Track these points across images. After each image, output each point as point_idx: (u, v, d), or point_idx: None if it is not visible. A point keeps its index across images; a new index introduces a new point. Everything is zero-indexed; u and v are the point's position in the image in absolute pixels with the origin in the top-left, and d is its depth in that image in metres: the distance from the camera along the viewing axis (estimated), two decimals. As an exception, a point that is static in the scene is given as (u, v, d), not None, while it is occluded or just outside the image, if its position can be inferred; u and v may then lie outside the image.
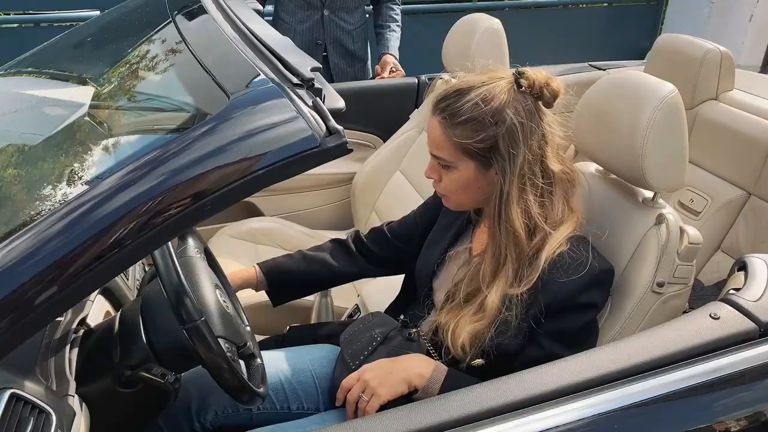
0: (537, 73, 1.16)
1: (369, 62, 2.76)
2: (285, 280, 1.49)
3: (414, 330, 1.30)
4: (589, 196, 1.36)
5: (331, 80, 2.63)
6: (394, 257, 1.51)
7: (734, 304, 1.09)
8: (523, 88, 1.14)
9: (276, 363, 1.38)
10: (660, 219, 1.22)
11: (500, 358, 1.16)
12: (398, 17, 2.70)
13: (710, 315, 1.07)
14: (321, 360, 1.41)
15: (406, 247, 1.48)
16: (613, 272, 1.19)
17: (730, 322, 1.06)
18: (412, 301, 1.44)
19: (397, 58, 2.63)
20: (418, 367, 1.17)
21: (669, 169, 1.21)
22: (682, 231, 1.21)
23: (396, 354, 1.24)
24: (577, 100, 1.39)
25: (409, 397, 1.16)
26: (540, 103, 1.17)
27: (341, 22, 2.56)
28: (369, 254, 1.52)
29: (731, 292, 1.13)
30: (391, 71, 2.56)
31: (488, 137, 1.13)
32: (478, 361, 1.18)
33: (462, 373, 1.18)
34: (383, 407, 1.14)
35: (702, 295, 1.78)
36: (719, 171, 2.02)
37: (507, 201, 1.14)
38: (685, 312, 1.25)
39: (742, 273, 1.18)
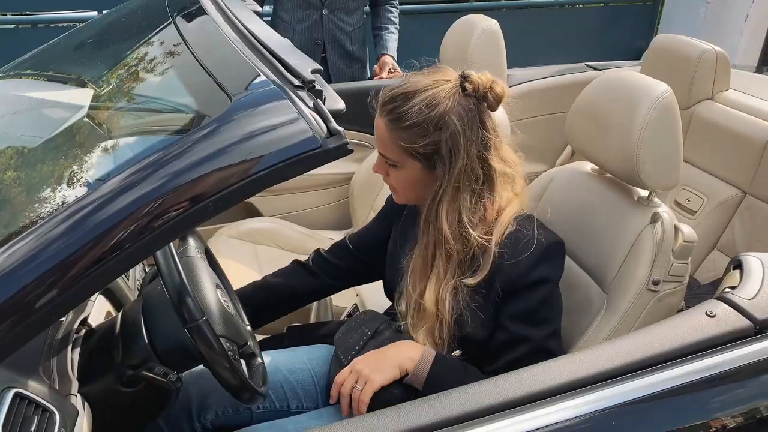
0: (482, 77, 1.16)
1: (367, 64, 2.77)
2: (251, 311, 1.45)
3: (403, 322, 1.31)
4: (585, 195, 1.38)
5: (329, 80, 2.64)
6: (357, 268, 1.50)
7: (730, 302, 1.11)
8: (468, 91, 1.15)
9: (275, 363, 1.39)
10: (655, 217, 1.23)
11: (475, 347, 1.19)
12: (396, 20, 2.71)
13: (706, 313, 1.08)
14: (319, 359, 1.42)
15: (368, 258, 1.48)
16: (563, 244, 1.20)
17: (726, 319, 1.07)
18: None
19: (396, 59, 2.64)
20: (408, 351, 1.19)
21: (664, 168, 1.23)
22: (676, 229, 1.23)
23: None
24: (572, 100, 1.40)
25: (400, 382, 1.17)
26: (484, 105, 1.17)
27: (340, 22, 2.57)
28: (331, 269, 1.50)
29: (727, 290, 1.14)
30: (389, 72, 2.57)
31: (432, 142, 1.14)
32: (456, 353, 1.20)
33: (449, 357, 1.20)
34: (377, 399, 1.15)
35: (698, 293, 1.80)
36: (715, 170, 2.03)
37: (439, 202, 1.17)
38: (681, 310, 1.26)
39: (737, 271, 1.20)
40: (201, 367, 1.10)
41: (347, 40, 2.61)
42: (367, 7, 2.73)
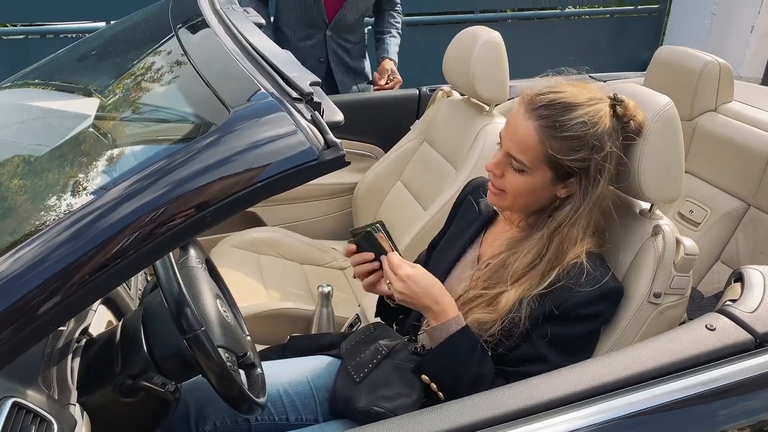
0: (630, 102, 1.17)
1: (370, 76, 2.79)
2: None
3: (421, 345, 1.30)
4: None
5: (336, 93, 2.65)
6: None
7: (730, 316, 1.10)
8: (619, 115, 1.15)
9: (274, 374, 1.39)
10: (656, 230, 1.23)
11: (498, 358, 1.19)
12: (399, 25, 2.74)
13: (706, 326, 1.08)
14: (319, 371, 1.42)
15: None
16: (623, 292, 1.20)
17: (726, 333, 1.07)
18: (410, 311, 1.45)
19: (396, 63, 2.65)
20: (434, 313, 1.18)
21: (665, 181, 1.22)
22: (678, 242, 1.22)
23: (401, 369, 1.25)
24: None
25: (392, 397, 1.20)
26: (632, 125, 1.17)
27: (342, 41, 2.60)
28: None
29: (727, 303, 1.14)
30: (389, 79, 2.59)
31: (583, 159, 1.14)
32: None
33: (472, 337, 1.18)
34: (368, 414, 1.18)
35: (701, 305, 1.79)
36: (719, 182, 2.02)
37: (575, 221, 1.16)
38: (683, 322, 1.25)
39: (738, 284, 1.19)
40: (200, 377, 1.10)
41: (348, 56, 2.64)
42: (369, 17, 2.75)
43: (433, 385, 1.19)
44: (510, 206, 1.25)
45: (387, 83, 2.58)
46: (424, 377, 1.20)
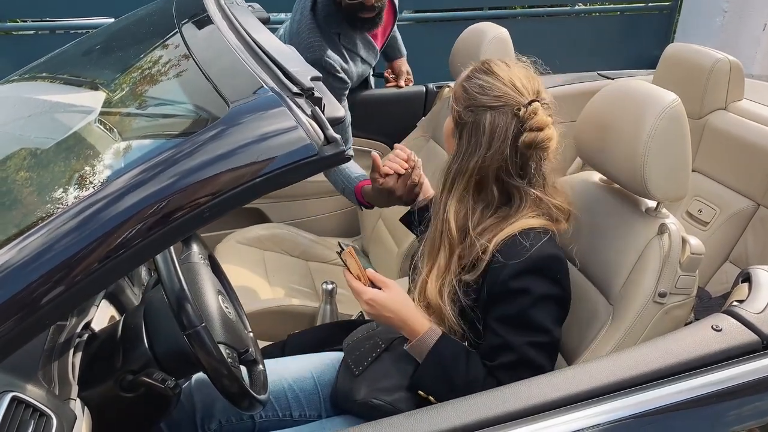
0: (541, 119, 1.15)
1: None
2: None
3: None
4: (593, 205, 1.36)
5: None
6: None
7: (737, 316, 1.09)
8: (517, 114, 1.15)
9: (278, 370, 1.39)
10: (662, 229, 1.21)
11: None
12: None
13: (712, 327, 1.06)
14: (323, 367, 1.42)
15: None
16: (557, 259, 1.17)
17: (733, 334, 1.05)
18: None
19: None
20: (409, 328, 1.17)
21: (671, 179, 1.21)
22: (684, 241, 1.21)
23: (400, 361, 1.24)
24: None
25: (393, 391, 1.20)
26: (524, 137, 1.16)
27: None
28: None
29: (734, 303, 1.12)
30: (406, 80, 2.54)
31: (461, 115, 1.21)
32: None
33: (451, 343, 1.18)
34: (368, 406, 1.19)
35: (709, 305, 1.77)
36: (728, 181, 2.00)
37: (450, 192, 1.21)
38: (689, 323, 1.24)
39: (746, 285, 1.18)
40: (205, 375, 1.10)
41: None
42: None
43: (432, 398, 1.18)
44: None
45: (405, 84, 2.54)
46: (420, 393, 1.19)
